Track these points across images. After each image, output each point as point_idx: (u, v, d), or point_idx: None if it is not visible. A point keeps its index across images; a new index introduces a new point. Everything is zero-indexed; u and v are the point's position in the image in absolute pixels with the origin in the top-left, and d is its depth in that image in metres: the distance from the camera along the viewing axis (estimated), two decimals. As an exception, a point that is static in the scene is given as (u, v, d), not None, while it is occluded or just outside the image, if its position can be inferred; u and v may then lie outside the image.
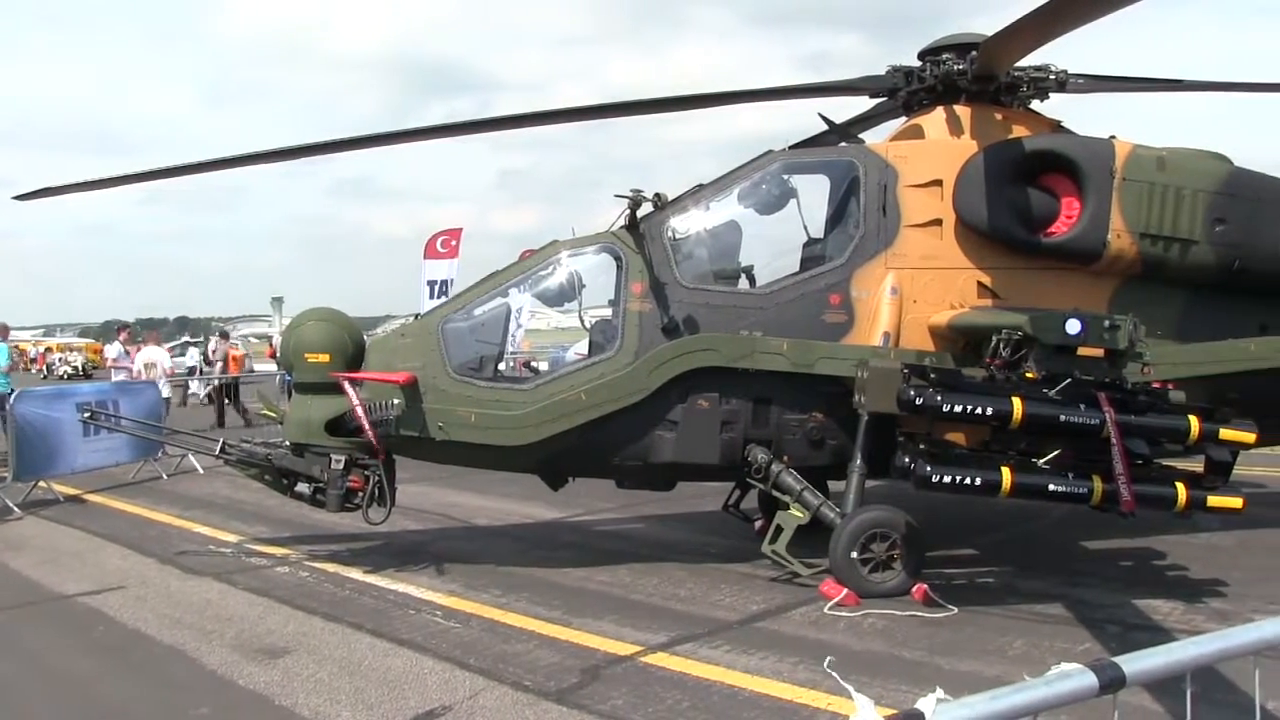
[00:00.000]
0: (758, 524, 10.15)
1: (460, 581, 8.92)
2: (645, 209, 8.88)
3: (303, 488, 9.33)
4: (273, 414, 10.56)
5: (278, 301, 67.19)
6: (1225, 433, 7.83)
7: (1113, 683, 2.55)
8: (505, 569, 9.41)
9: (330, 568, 9.48)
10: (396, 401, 8.84)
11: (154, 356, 20.28)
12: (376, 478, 9.16)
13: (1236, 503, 7.90)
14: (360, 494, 9.17)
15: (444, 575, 9.16)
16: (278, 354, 13.89)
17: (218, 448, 9.91)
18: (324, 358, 9.09)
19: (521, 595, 8.46)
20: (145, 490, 14.35)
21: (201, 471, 15.50)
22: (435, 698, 6.18)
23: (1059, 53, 9.38)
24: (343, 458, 9.08)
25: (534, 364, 12.07)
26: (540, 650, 7.07)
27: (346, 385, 8.82)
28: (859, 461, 8.49)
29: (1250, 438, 7.88)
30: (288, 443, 9.41)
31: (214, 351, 26.94)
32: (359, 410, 8.74)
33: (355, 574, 9.21)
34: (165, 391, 19.26)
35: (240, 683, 6.50)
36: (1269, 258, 9.25)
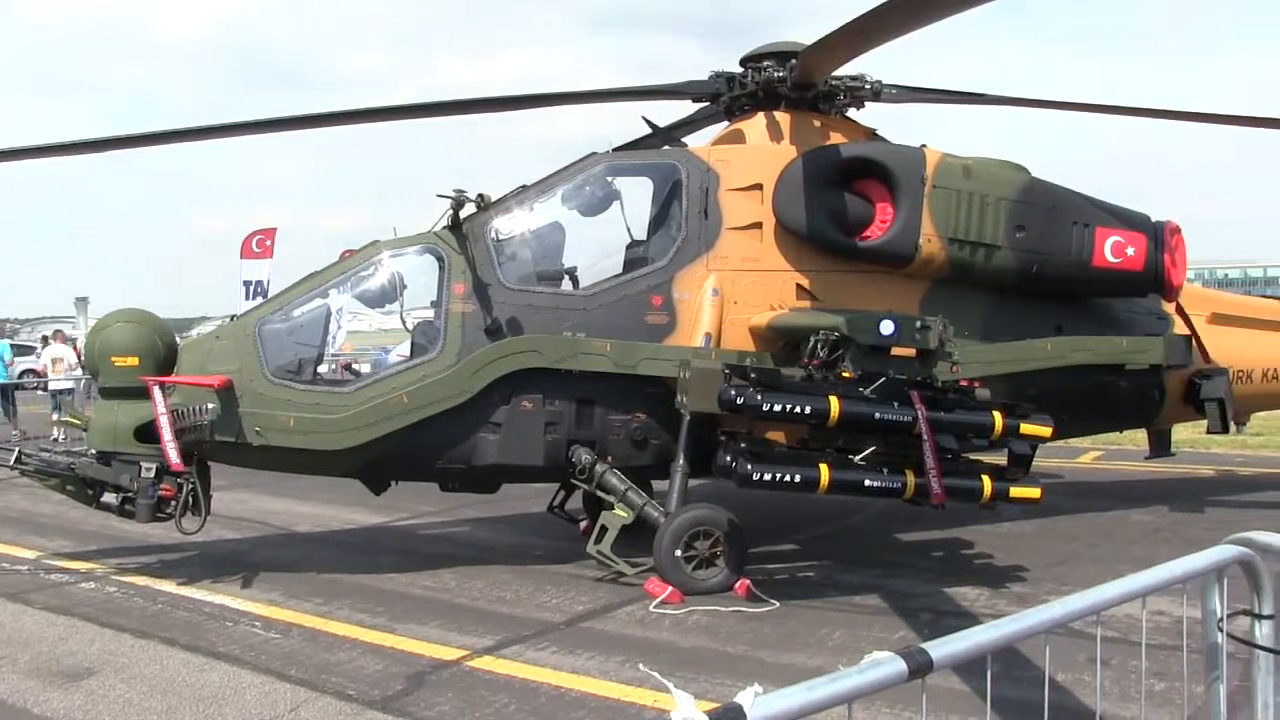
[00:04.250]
0: (583, 525, 10.17)
1: (280, 590, 8.66)
2: (468, 209, 8.80)
3: (110, 498, 8.92)
4: (77, 421, 10.02)
5: (82, 302, 63.66)
6: (1025, 428, 8.25)
7: (921, 668, 2.63)
8: (327, 576, 9.17)
9: (140, 581, 9.03)
10: (211, 406, 8.52)
11: (60, 353, 21.59)
12: (190, 486, 8.81)
13: (1035, 493, 8.35)
14: (173, 503, 8.79)
15: (263, 585, 8.86)
16: (82, 357, 13.23)
17: (12, 457, 9.32)
18: (132, 361, 8.72)
19: (344, 603, 8.26)
20: (-71, 505, 13.36)
21: (-7, 484, 14.55)
22: (255, 712, 5.98)
23: (875, 64, 9.78)
24: (154, 465, 8.70)
25: (355, 366, 11.78)
26: (364, 658, 6.93)
27: (155, 391, 8.44)
28: (682, 461, 8.60)
29: (1047, 432, 8.33)
30: (93, 450, 8.94)
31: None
32: (161, 421, 8.37)
33: (168, 586, 8.80)
34: (71, 384, 21.14)
35: (35, 710, 6.11)
36: (1063, 263, 9.76)
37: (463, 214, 8.83)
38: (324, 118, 10.06)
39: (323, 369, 9.56)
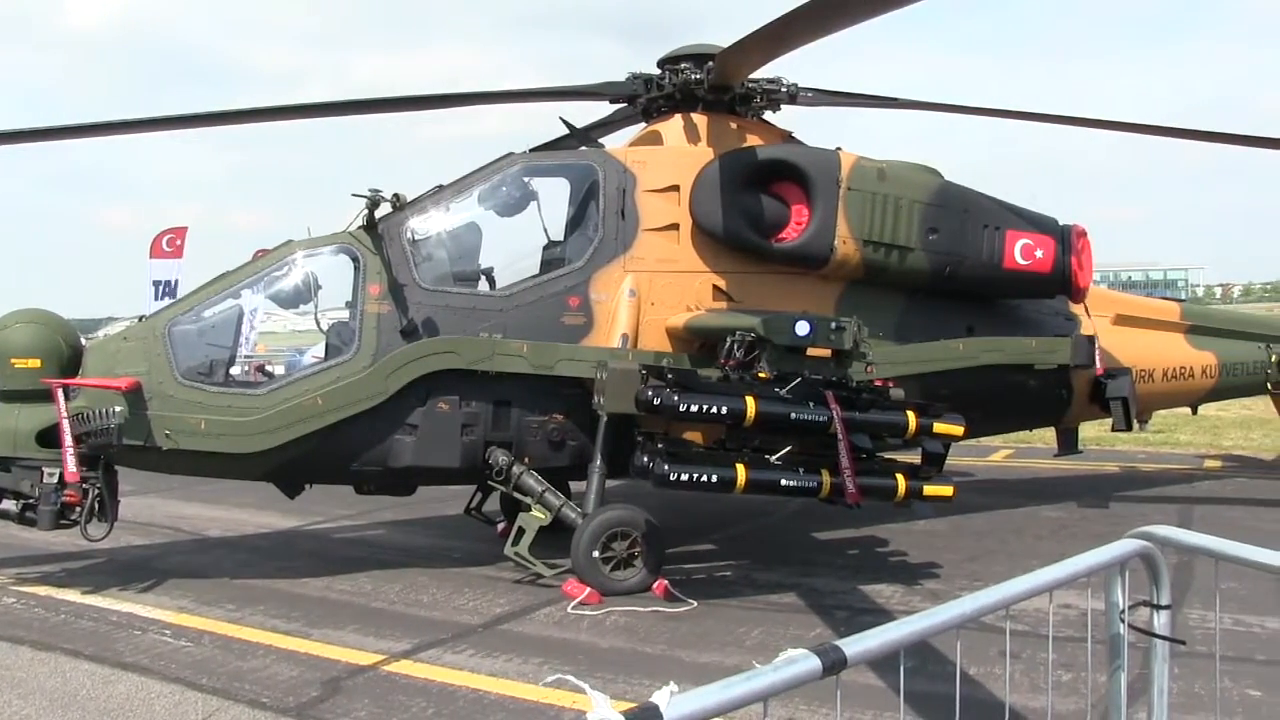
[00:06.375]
0: (500, 526, 10.11)
1: (191, 597, 8.47)
2: (384, 209, 8.70)
3: (9, 505, 8.63)
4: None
5: (-21, 303, 61.59)
6: (938, 426, 8.40)
7: (835, 664, 2.65)
8: (240, 582, 9.00)
9: (42, 591, 8.74)
10: (118, 409, 8.29)
11: None
12: (96, 491, 8.56)
13: (948, 491, 8.49)
14: (77, 509, 8.52)
15: (173, 591, 8.66)
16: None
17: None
18: (34, 363, 8.48)
19: (257, 608, 8.12)
20: None
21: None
22: (163, 723, 5.83)
23: (792, 68, 9.88)
24: (56, 471, 8.43)
25: (268, 368, 11.55)
26: (278, 665, 6.81)
27: (59, 394, 8.21)
28: (599, 462, 8.62)
29: (959, 430, 8.49)
30: None
31: None
32: (64, 425, 8.15)
33: (72, 595, 8.54)
34: None
35: (-78, 731, 5.90)
36: (974, 265, 9.97)
37: (378, 214, 8.73)
38: (244, 114, 9.88)
39: (235, 370, 9.36)
